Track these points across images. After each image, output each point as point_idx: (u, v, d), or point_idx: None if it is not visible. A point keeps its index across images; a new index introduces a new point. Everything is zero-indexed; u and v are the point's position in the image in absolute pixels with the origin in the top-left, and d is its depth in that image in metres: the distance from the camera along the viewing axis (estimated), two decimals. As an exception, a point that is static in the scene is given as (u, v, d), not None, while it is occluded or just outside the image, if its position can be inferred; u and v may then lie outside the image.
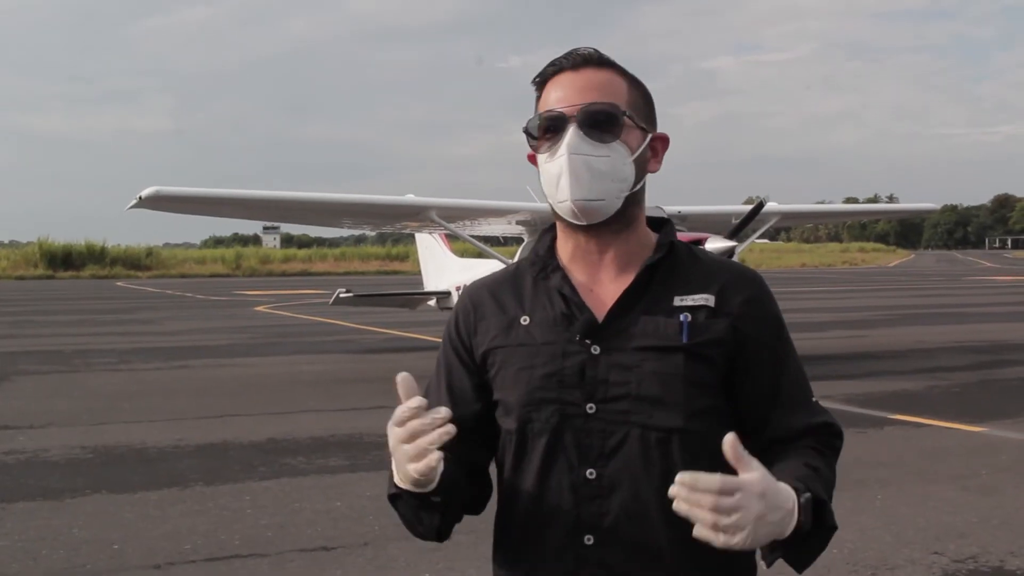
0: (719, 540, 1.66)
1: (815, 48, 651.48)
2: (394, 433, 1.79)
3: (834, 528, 1.87)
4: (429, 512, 1.89)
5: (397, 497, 1.91)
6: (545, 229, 2.09)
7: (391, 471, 1.89)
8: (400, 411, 1.77)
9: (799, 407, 1.98)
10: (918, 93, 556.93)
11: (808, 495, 1.77)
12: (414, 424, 1.76)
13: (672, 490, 1.67)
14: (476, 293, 2.09)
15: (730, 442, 1.68)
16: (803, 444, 1.94)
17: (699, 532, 1.66)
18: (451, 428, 1.75)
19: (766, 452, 1.91)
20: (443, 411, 1.76)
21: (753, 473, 1.68)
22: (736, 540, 1.66)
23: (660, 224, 2.07)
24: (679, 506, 1.67)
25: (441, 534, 1.96)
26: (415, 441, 1.76)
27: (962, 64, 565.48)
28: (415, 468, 1.76)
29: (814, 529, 1.79)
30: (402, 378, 1.80)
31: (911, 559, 5.80)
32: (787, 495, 1.73)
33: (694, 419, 1.89)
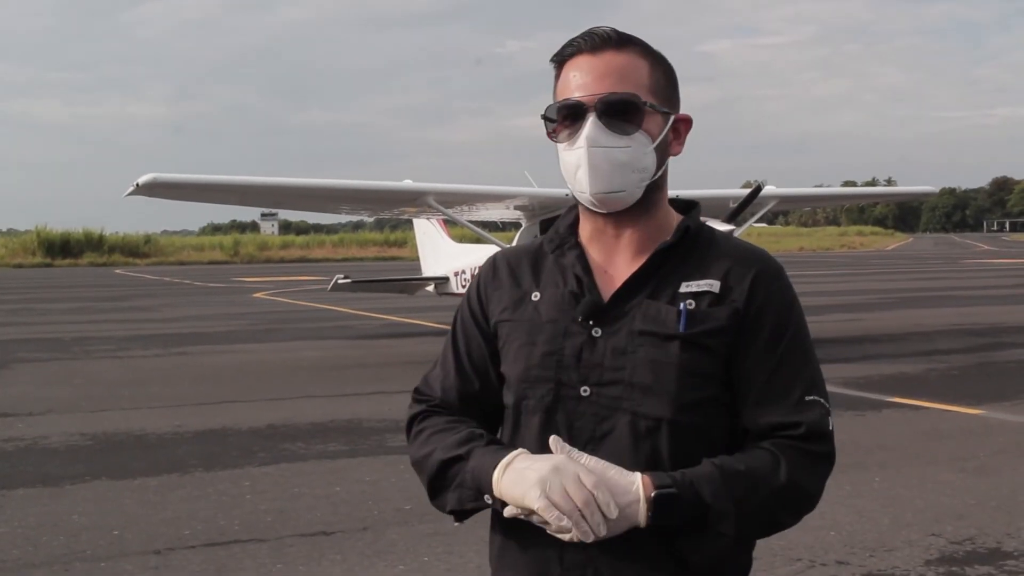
0: (565, 539, 1.74)
1: (813, 31, 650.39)
2: (572, 481, 1.72)
3: (727, 536, 1.79)
4: (474, 503, 1.90)
5: (454, 472, 1.91)
6: (570, 206, 2.07)
7: (473, 447, 1.89)
8: (601, 491, 1.72)
9: (776, 402, 1.88)
10: (916, 76, 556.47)
11: (666, 492, 1.75)
12: (591, 505, 1.71)
13: None
14: (497, 263, 2.09)
15: (552, 444, 1.78)
16: (762, 444, 1.87)
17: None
18: (592, 537, 1.72)
19: (741, 442, 1.91)
20: (604, 528, 1.72)
21: None
22: (571, 537, 1.72)
23: (689, 207, 2.04)
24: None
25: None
26: (571, 507, 1.70)
27: (960, 47, 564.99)
28: (544, 507, 1.71)
29: (700, 529, 1.78)
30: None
31: (909, 541, 5.81)
32: (625, 486, 1.75)
33: (686, 410, 1.85)
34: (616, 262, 1.96)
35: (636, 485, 1.75)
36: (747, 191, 15.03)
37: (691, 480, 1.78)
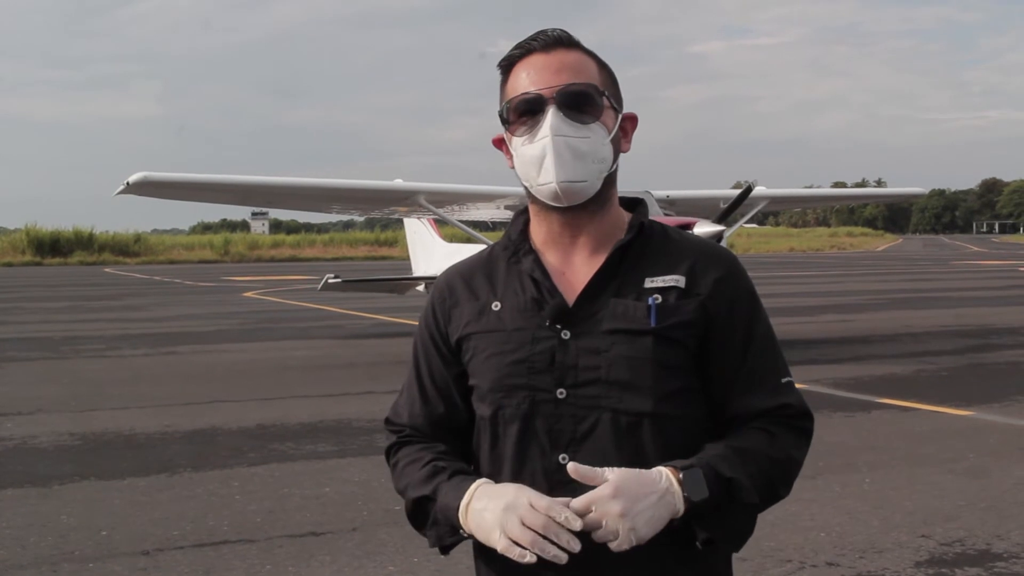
0: (613, 547, 1.76)
1: (804, 32, 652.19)
2: (526, 512, 1.77)
3: (752, 504, 1.87)
4: (453, 538, 1.96)
5: (427, 509, 1.97)
6: (518, 212, 2.08)
7: (437, 483, 1.94)
8: (555, 510, 1.75)
9: (760, 388, 1.95)
10: (906, 77, 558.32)
11: (692, 470, 1.80)
12: (551, 527, 1.75)
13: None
14: (449, 280, 2.08)
15: (571, 470, 1.78)
16: (753, 425, 1.94)
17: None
18: (564, 557, 1.75)
19: (725, 431, 1.95)
20: (577, 543, 1.75)
21: (602, 484, 1.76)
22: (621, 542, 1.75)
23: (634, 204, 2.06)
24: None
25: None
26: (532, 537, 1.75)
27: (950, 49, 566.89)
28: (506, 547, 1.77)
29: (726, 504, 1.83)
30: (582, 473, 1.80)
31: (898, 542, 5.82)
32: (654, 478, 1.79)
33: (664, 402, 1.89)
34: (573, 263, 1.97)
35: (664, 474, 1.80)
36: (738, 192, 15.06)
37: (707, 460, 1.84)
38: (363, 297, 24.82)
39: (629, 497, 1.75)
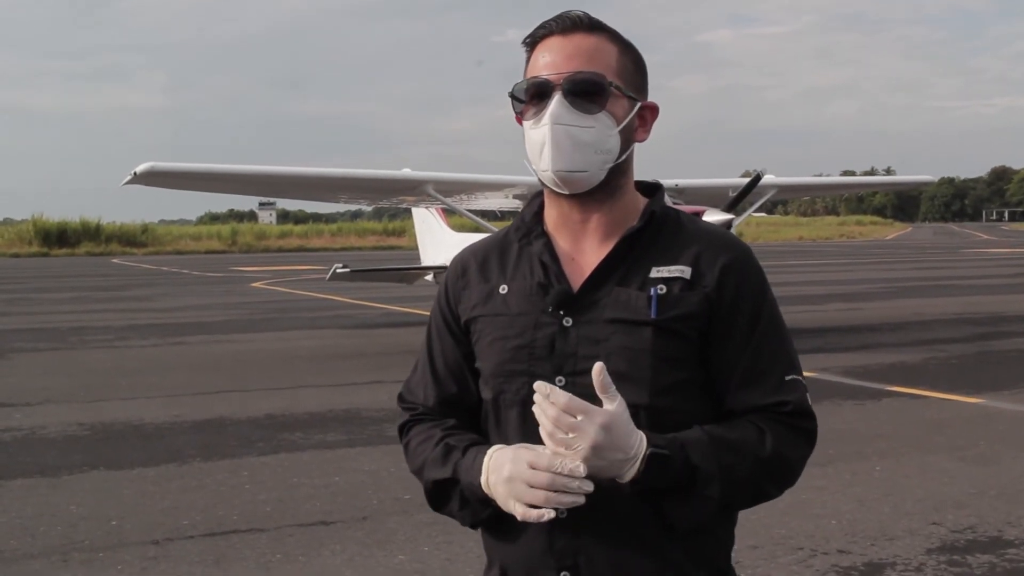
0: (551, 448, 1.72)
1: (812, 20, 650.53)
2: (529, 475, 1.74)
3: (712, 499, 1.81)
4: (487, 511, 1.90)
5: (450, 492, 1.93)
6: (535, 194, 2.06)
7: (455, 462, 1.90)
8: (557, 464, 1.72)
9: (759, 384, 1.89)
10: (916, 65, 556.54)
11: (660, 452, 1.76)
12: (558, 481, 1.72)
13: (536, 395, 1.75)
14: (463, 261, 2.07)
15: (597, 370, 1.73)
16: (746, 419, 1.89)
17: (542, 435, 1.73)
18: (581, 500, 1.73)
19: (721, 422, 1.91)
20: (589, 485, 1.72)
21: (606, 407, 1.73)
22: (567, 459, 1.71)
23: (652, 190, 2.03)
24: (535, 408, 1.75)
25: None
26: (543, 495, 1.73)
27: (960, 36, 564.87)
28: (523, 513, 1.75)
29: (688, 490, 1.79)
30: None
31: (909, 529, 5.80)
32: (635, 442, 1.75)
33: (662, 395, 1.86)
34: (583, 249, 1.95)
35: (642, 444, 1.76)
36: (746, 180, 15.02)
37: (682, 443, 1.79)
38: (371, 287, 24.84)
39: (610, 440, 1.72)
